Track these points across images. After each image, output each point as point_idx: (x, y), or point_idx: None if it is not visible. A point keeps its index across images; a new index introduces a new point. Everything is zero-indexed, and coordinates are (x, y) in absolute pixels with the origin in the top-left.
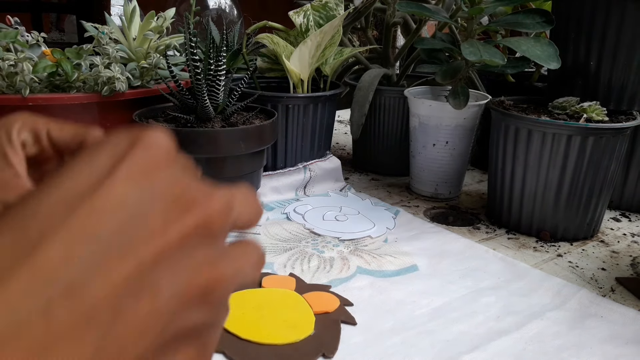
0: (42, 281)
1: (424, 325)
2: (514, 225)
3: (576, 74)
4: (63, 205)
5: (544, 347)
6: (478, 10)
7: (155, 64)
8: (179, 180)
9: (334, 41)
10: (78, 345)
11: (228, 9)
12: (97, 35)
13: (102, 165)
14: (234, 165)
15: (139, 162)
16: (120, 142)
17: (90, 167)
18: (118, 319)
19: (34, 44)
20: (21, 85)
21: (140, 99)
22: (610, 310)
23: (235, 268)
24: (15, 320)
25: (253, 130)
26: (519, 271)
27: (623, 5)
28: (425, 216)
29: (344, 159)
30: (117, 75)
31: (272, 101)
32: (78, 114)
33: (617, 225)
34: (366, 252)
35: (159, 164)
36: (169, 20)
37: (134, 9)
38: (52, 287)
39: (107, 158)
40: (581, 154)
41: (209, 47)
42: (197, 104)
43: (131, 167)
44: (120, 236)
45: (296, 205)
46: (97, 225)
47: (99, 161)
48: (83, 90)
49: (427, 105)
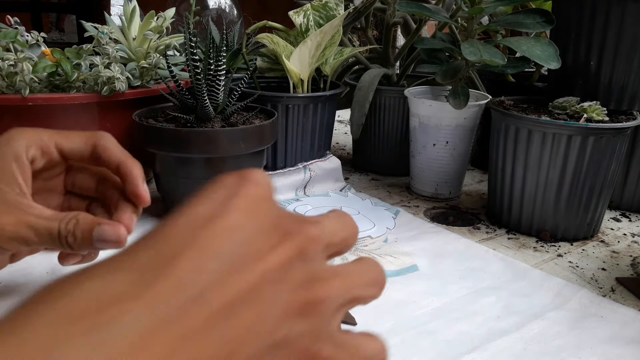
0: (178, 288)
1: (424, 325)
2: (514, 225)
3: (576, 74)
4: (190, 229)
5: (545, 347)
6: (478, 10)
7: (155, 64)
8: (278, 212)
9: (334, 41)
10: (204, 342)
11: (228, 9)
12: (97, 35)
13: (220, 199)
14: (234, 165)
15: (247, 197)
16: (232, 181)
17: (210, 201)
18: (231, 323)
19: (33, 44)
20: (21, 85)
21: (140, 99)
22: (611, 311)
23: (343, 285)
24: (156, 318)
25: (253, 130)
26: (519, 271)
27: (623, 5)
28: (425, 216)
29: (344, 159)
30: (117, 75)
31: (272, 101)
32: (78, 114)
33: (618, 225)
34: (366, 252)
35: (262, 199)
36: (168, 20)
37: (134, 9)
38: (187, 293)
39: (223, 194)
40: (581, 154)
41: (209, 47)
42: (197, 104)
43: (241, 201)
44: (235, 256)
45: (296, 205)
46: (217, 246)
47: (217, 196)
48: (83, 90)
49: (427, 105)
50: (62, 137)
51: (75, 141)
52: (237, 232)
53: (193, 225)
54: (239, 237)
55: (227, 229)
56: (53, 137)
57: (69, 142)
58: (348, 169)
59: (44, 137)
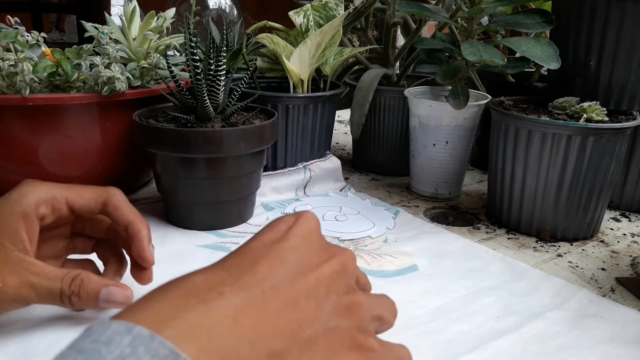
0: (258, 281)
1: (424, 325)
2: (514, 225)
3: (576, 74)
4: (264, 247)
5: (544, 347)
6: (478, 10)
7: (155, 64)
8: (324, 240)
9: (334, 41)
10: (276, 319)
11: (228, 9)
12: (97, 35)
13: (282, 229)
14: (234, 165)
15: (302, 228)
16: (290, 218)
17: (276, 230)
18: (296, 310)
19: (34, 44)
20: (21, 85)
21: (140, 99)
22: (610, 311)
23: (370, 300)
24: (243, 300)
25: (253, 130)
26: (519, 271)
27: (623, 5)
28: (425, 216)
29: (344, 159)
30: (117, 75)
31: (272, 101)
32: (78, 114)
33: (617, 225)
34: (366, 252)
35: (312, 230)
36: (169, 20)
37: (134, 9)
38: (264, 285)
39: (285, 226)
40: (581, 154)
41: (209, 47)
42: (197, 104)
43: (298, 231)
44: (297, 266)
45: (296, 205)
46: (283, 258)
47: (280, 227)
48: (83, 90)
49: (427, 105)
50: (74, 193)
51: (85, 198)
52: (297, 251)
53: (266, 244)
54: (298, 254)
55: (290, 248)
56: (64, 193)
57: (79, 200)
58: (348, 169)
59: (55, 194)
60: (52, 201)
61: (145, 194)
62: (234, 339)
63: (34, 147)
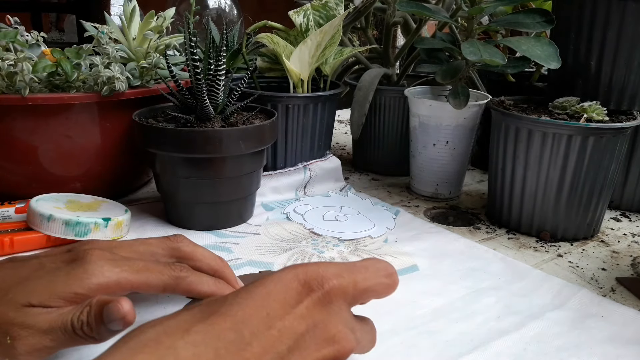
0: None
1: (424, 325)
2: (514, 225)
3: (576, 74)
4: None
5: (545, 347)
6: (478, 10)
7: (155, 63)
8: (305, 270)
9: (334, 41)
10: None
11: (228, 8)
12: (96, 35)
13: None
14: (234, 165)
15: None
16: None
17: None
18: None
19: (33, 44)
20: (21, 85)
21: (140, 99)
22: (611, 311)
23: (347, 281)
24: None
25: (253, 130)
26: (519, 271)
27: (623, 5)
28: (425, 216)
29: (344, 159)
30: (117, 75)
31: (272, 101)
32: (78, 114)
33: (618, 225)
34: (366, 252)
35: None
36: (168, 20)
37: (133, 8)
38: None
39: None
40: (581, 154)
41: (208, 47)
42: (197, 103)
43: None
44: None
45: (296, 205)
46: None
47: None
48: (83, 90)
49: (427, 105)
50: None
51: (152, 286)
52: (268, 297)
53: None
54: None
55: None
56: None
57: (145, 287)
58: (348, 169)
59: (121, 280)
60: (115, 288)
61: (145, 194)
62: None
63: (33, 147)
